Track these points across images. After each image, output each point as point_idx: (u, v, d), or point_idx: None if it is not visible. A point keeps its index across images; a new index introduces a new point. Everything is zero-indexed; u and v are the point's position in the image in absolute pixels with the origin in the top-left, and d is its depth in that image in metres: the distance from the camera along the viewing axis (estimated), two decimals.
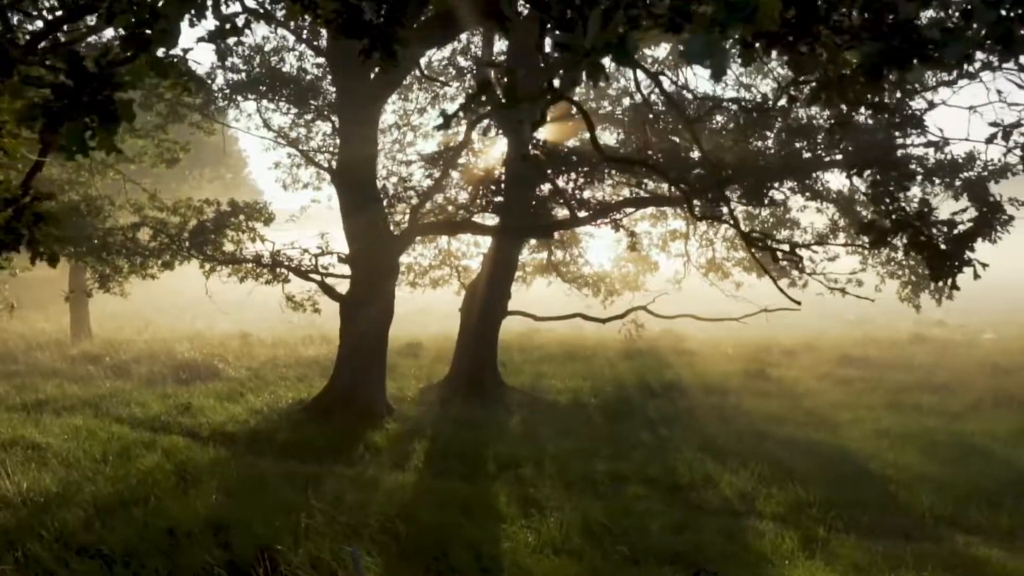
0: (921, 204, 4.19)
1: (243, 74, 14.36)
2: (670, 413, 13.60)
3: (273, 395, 14.28)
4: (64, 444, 10.45)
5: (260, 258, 13.59)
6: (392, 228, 13.59)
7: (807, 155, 9.41)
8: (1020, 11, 2.32)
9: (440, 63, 18.29)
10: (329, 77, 13.57)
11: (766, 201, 9.93)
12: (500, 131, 13.87)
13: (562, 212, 14.43)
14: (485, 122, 13.50)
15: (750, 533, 7.74)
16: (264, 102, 14.69)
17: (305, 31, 12.72)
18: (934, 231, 4.15)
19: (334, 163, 13.24)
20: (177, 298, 34.89)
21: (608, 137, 17.31)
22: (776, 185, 9.13)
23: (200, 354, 18.33)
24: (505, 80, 2.74)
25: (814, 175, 10.42)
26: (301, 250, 13.32)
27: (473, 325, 15.44)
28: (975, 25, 2.39)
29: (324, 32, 12.25)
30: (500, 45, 15.40)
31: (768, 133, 9.61)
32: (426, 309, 28.65)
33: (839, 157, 9.04)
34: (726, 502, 8.89)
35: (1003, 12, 2.33)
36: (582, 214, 11.77)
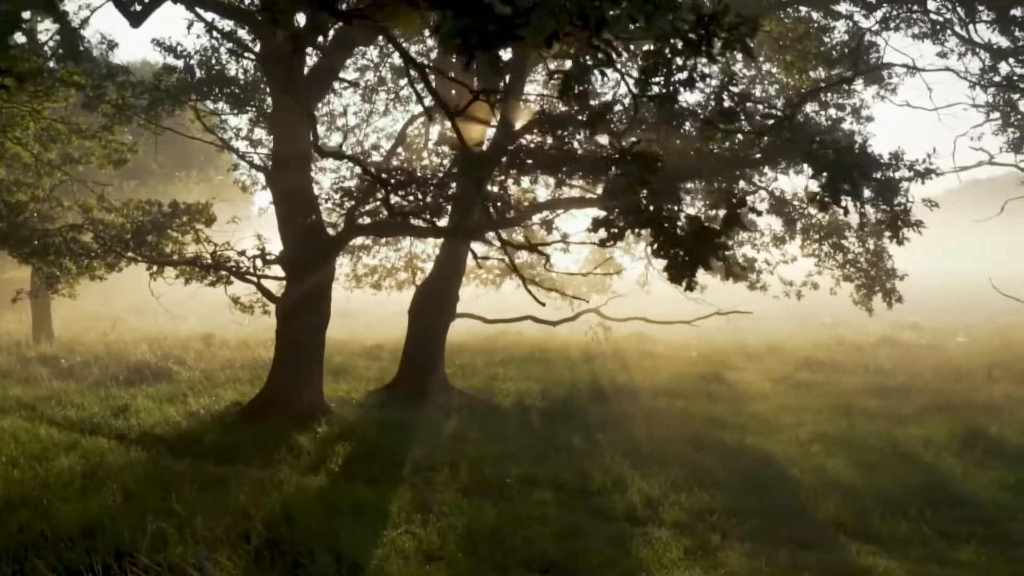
0: (670, 201, 4.00)
1: (186, 76, 14.32)
2: (611, 416, 13.43)
3: (213, 397, 14.21)
4: None
5: (198, 259, 13.52)
6: (330, 229, 13.51)
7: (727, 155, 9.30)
8: None
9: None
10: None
11: (679, 204, 9.80)
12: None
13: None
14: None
15: (639, 541, 7.59)
16: (207, 104, 14.65)
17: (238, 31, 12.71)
18: (678, 230, 4.02)
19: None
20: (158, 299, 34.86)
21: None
22: (690, 186, 8.98)
23: (155, 356, 18.31)
24: None
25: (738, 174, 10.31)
26: (237, 252, 13.23)
27: (420, 327, 15.36)
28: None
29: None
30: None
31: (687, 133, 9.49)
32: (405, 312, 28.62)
33: (758, 156, 8.93)
34: (631, 508, 8.73)
35: None
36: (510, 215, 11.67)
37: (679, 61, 4.01)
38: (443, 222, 13.70)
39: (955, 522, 8.16)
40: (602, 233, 4.05)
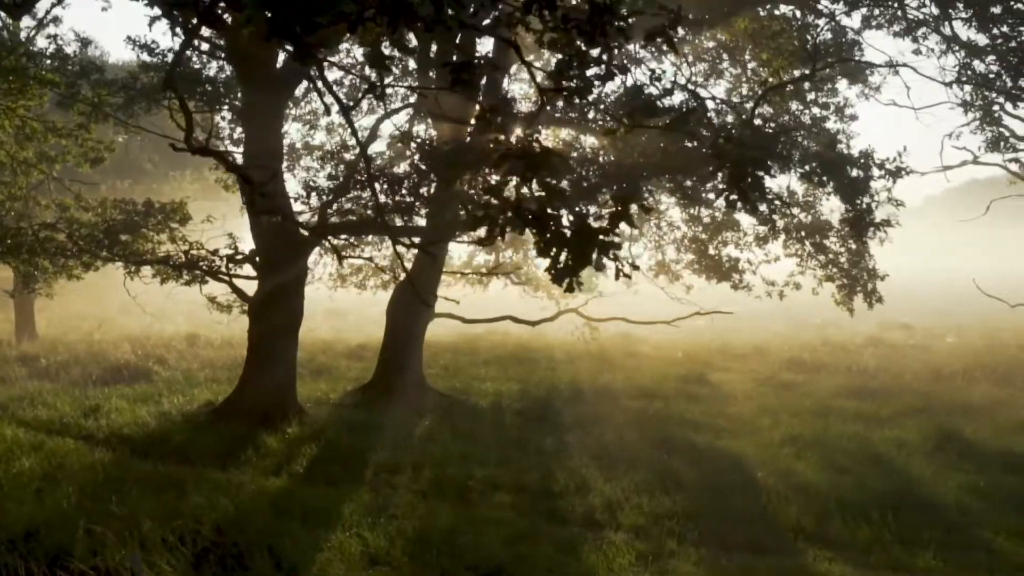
0: (556, 197, 3.85)
1: (161, 74, 14.24)
2: (586, 417, 13.31)
3: (188, 397, 14.11)
4: None
5: (170, 258, 13.42)
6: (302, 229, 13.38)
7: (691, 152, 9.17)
8: None
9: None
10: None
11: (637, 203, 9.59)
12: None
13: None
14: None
15: (591, 545, 7.47)
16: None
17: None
18: (563, 229, 3.90)
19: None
20: (147, 299, 34.84)
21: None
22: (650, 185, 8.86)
23: (136, 356, 18.23)
24: None
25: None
26: (209, 251, 13.13)
27: (398, 327, 15.24)
28: None
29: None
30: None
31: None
32: None
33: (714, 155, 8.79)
34: (590, 511, 8.61)
35: None
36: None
37: (593, 54, 3.89)
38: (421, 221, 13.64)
39: (917, 527, 8.02)
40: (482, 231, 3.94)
